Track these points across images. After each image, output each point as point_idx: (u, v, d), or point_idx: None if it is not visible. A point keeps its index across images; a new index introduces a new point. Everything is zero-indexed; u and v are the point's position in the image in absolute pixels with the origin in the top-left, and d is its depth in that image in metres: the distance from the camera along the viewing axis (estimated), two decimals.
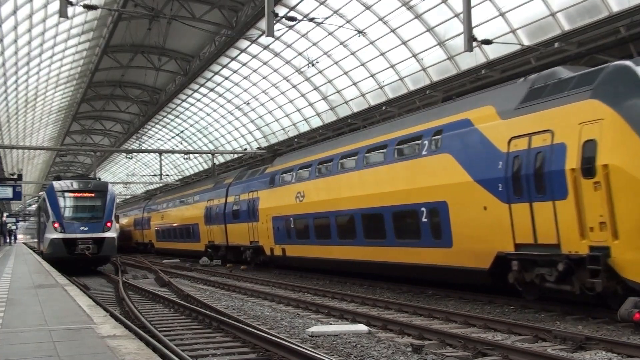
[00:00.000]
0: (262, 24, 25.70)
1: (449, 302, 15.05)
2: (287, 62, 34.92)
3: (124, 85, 47.40)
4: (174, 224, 40.83)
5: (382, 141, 18.56)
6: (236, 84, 41.29)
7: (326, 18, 26.43)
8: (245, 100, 42.57)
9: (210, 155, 44.33)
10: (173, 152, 55.33)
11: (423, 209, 16.01)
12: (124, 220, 58.39)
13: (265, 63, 36.43)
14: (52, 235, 27.14)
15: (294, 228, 23.51)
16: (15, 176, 37.72)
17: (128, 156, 61.38)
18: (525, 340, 10.25)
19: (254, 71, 37.96)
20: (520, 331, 10.81)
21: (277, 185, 25.43)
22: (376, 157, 18.74)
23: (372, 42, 28.87)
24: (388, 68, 29.57)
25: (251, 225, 27.24)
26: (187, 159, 53.64)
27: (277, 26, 17.95)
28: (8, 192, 33.09)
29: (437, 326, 11.64)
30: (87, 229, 27.31)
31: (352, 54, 30.74)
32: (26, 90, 38.34)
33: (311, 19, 24.11)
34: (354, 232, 19.46)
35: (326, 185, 21.41)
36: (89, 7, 20.08)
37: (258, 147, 44.25)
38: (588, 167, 11.46)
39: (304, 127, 39.37)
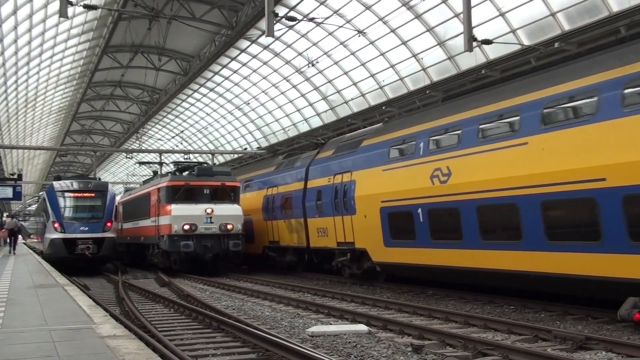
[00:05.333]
0: (262, 24, 25.69)
1: (449, 302, 15.05)
2: (287, 62, 34.91)
3: (124, 85, 47.39)
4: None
5: None
6: (236, 84, 41.30)
7: (326, 18, 26.44)
8: (245, 100, 42.57)
9: (210, 155, 44.32)
10: (173, 152, 55.21)
11: None
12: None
13: (265, 63, 36.43)
14: (52, 235, 27.14)
15: None
16: (15, 176, 37.62)
17: (128, 156, 61.35)
18: (525, 340, 10.24)
19: (254, 71, 37.96)
20: (520, 331, 10.80)
21: None
22: None
23: (372, 42, 28.87)
24: (388, 68, 29.57)
25: None
26: (187, 159, 53.58)
27: (277, 26, 17.98)
28: (8, 192, 33.01)
29: (437, 326, 11.63)
30: (87, 229, 27.32)
31: (352, 54, 30.73)
32: (26, 90, 38.36)
33: (311, 19, 24.11)
34: None
35: None
36: (89, 7, 20.10)
37: (258, 147, 44.23)
38: None
39: (304, 127, 39.37)
